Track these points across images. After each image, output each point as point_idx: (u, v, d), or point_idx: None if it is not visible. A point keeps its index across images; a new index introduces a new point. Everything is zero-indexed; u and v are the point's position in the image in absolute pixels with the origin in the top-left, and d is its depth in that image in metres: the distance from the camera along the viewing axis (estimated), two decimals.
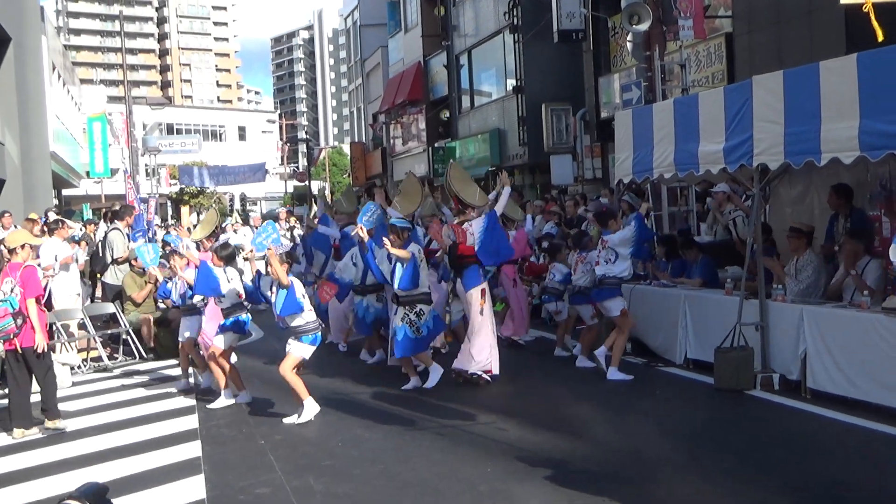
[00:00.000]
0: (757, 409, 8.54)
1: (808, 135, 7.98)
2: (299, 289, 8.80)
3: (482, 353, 9.94)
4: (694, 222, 14.45)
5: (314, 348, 8.96)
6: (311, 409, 8.71)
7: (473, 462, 7.12)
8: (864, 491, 6.12)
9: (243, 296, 9.66)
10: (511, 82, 27.13)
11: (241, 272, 9.95)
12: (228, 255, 9.87)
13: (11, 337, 8.57)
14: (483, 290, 10.07)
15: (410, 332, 9.69)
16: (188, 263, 10.39)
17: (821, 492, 6.13)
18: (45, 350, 8.82)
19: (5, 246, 9.09)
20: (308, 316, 8.83)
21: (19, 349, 8.64)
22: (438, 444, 7.78)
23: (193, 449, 7.98)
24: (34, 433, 8.72)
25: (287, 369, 8.74)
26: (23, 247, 8.89)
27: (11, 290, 8.56)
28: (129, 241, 14.40)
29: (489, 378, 9.99)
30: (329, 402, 9.41)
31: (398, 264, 9.62)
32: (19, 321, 8.55)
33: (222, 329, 9.65)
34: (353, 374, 10.99)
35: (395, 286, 9.70)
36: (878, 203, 9.78)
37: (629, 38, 16.68)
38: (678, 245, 11.76)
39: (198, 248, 11.42)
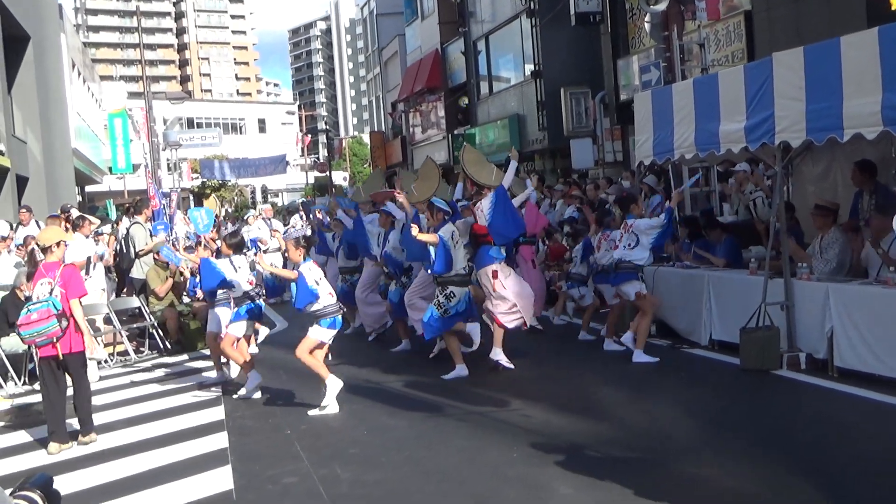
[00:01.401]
0: (784, 389, 8.48)
1: (829, 111, 7.89)
2: (311, 276, 8.75)
3: (507, 316, 9.99)
4: (716, 203, 14.36)
5: (333, 332, 8.92)
6: (334, 386, 8.69)
7: (499, 448, 7.12)
8: (892, 467, 6.06)
9: (254, 282, 9.69)
10: (529, 67, 27.02)
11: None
12: (237, 244, 9.95)
13: (55, 340, 7.92)
14: (495, 271, 9.97)
15: (436, 313, 9.66)
16: (212, 254, 10.46)
17: (850, 471, 6.08)
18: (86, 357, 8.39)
19: (38, 244, 8.46)
20: (326, 300, 8.77)
21: (60, 355, 7.99)
22: (463, 430, 7.78)
23: (220, 440, 8.02)
24: (69, 447, 8.05)
25: (303, 352, 8.74)
26: (58, 244, 8.39)
27: (51, 292, 8.01)
28: (151, 234, 14.48)
29: (509, 365, 9.99)
30: (353, 390, 9.43)
31: (430, 248, 9.61)
32: (64, 323, 7.94)
33: (237, 317, 9.70)
34: (377, 363, 11.01)
35: (430, 270, 9.73)
36: None
37: (647, 18, 16.61)
38: (701, 226, 11.69)
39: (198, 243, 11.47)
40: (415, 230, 9.63)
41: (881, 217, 8.97)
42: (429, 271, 9.83)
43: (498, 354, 9.94)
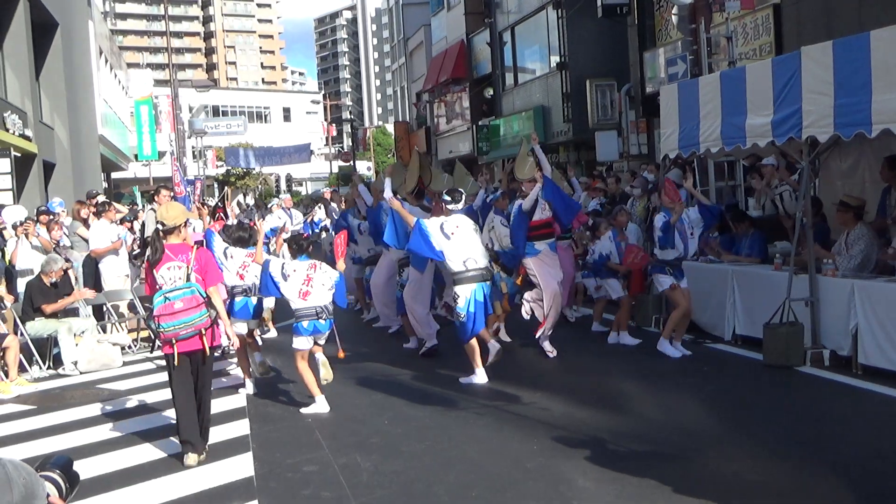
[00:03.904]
0: (807, 386, 8.43)
1: (858, 106, 7.82)
2: (275, 268, 8.24)
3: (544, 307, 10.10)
4: (742, 197, 14.28)
5: (306, 339, 8.26)
6: (319, 406, 8.37)
7: (519, 439, 7.12)
8: None
9: (244, 277, 9.35)
10: (555, 59, 26.94)
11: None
12: (237, 238, 9.60)
13: (203, 332, 6.98)
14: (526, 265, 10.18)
15: (457, 321, 9.24)
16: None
17: (873, 468, 6.03)
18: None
19: (162, 224, 7.16)
20: (297, 303, 8.15)
21: (207, 349, 7.07)
22: (484, 421, 7.78)
23: (242, 427, 8.05)
24: (203, 457, 7.12)
25: (296, 364, 8.42)
26: (185, 224, 7.42)
27: (188, 277, 7.00)
28: None
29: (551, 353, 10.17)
30: (374, 381, 9.47)
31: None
32: (213, 312, 7.04)
33: (232, 314, 9.07)
34: (399, 354, 11.02)
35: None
36: None
37: (674, 10, 16.51)
38: (729, 218, 11.62)
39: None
40: (394, 203, 9.67)
41: None
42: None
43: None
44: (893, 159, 9.53)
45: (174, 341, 6.88)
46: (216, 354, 8.40)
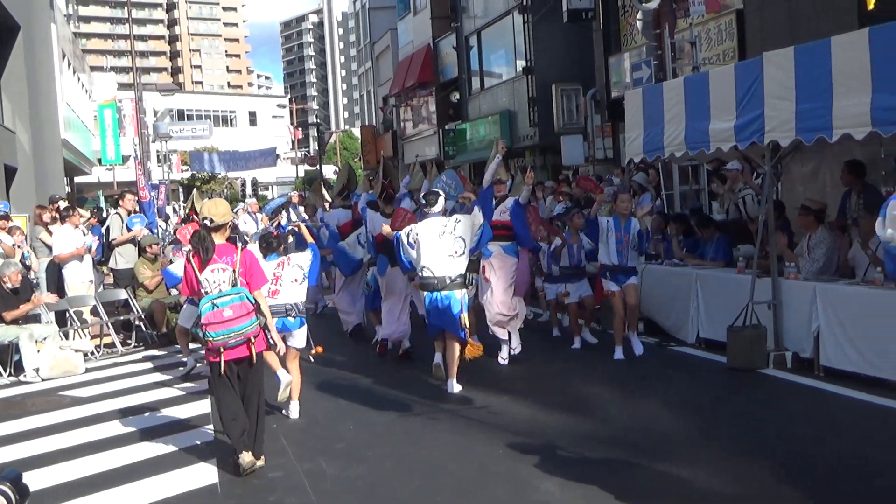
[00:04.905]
0: (770, 388, 8.50)
1: (819, 111, 7.90)
2: (176, 268, 8.19)
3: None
4: (705, 201, 14.37)
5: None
6: (282, 376, 8.20)
7: (485, 444, 7.12)
8: (878, 467, 6.08)
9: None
10: (521, 63, 27.00)
11: None
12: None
13: (252, 339, 6.69)
14: (483, 267, 10.15)
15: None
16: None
17: (836, 470, 6.10)
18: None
19: (210, 220, 6.71)
20: (267, 301, 7.43)
21: (254, 356, 6.76)
22: (449, 425, 7.78)
23: (205, 434, 8.00)
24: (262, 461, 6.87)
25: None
26: (227, 226, 6.99)
27: (234, 282, 6.67)
28: (126, 226, 14.27)
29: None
30: (340, 386, 9.45)
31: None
32: (262, 319, 6.72)
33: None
34: (364, 358, 10.99)
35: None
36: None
37: (639, 16, 16.56)
38: (693, 223, 11.69)
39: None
40: (385, 229, 9.63)
41: (869, 217, 8.98)
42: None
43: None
44: (853, 163, 9.64)
45: (222, 350, 6.58)
46: None
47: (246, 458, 6.63)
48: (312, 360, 10.62)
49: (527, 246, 10.67)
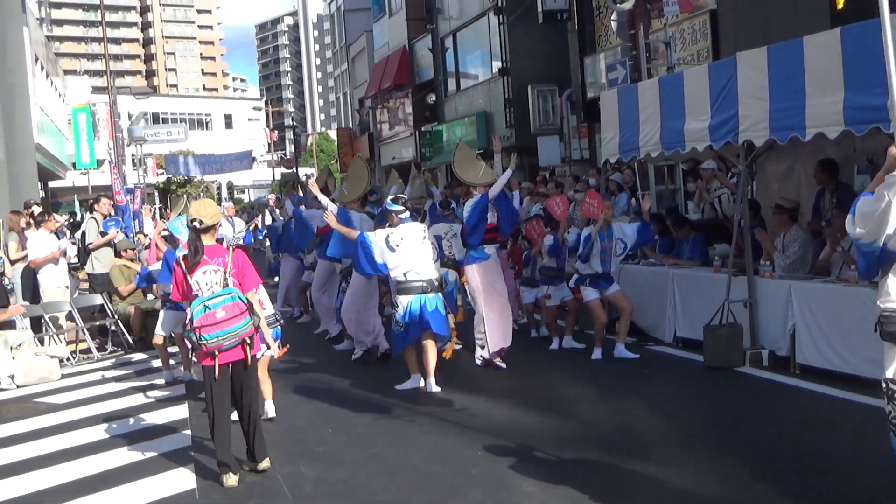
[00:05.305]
0: (746, 386, 8.55)
1: (793, 110, 7.97)
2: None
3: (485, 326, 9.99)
4: (681, 200, 14.46)
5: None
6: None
7: (465, 445, 7.12)
8: (854, 464, 6.12)
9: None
10: (497, 64, 27.05)
11: None
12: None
13: (247, 341, 6.56)
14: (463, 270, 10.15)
15: (394, 328, 9.14)
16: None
17: (812, 467, 6.13)
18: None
19: (198, 222, 6.53)
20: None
21: (249, 359, 6.62)
22: (428, 427, 7.77)
23: (183, 439, 7.95)
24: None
25: None
26: (217, 227, 6.86)
27: (225, 282, 6.54)
28: (102, 230, 14.16)
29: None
30: (318, 389, 9.43)
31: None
32: (256, 319, 6.60)
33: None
34: (343, 362, 10.96)
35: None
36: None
37: (613, 17, 16.65)
38: (669, 223, 11.73)
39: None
40: (330, 218, 9.59)
41: (842, 216, 9.04)
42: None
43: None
44: (827, 162, 9.72)
45: (216, 353, 6.46)
46: None
47: (231, 479, 6.51)
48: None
49: (507, 235, 10.80)
